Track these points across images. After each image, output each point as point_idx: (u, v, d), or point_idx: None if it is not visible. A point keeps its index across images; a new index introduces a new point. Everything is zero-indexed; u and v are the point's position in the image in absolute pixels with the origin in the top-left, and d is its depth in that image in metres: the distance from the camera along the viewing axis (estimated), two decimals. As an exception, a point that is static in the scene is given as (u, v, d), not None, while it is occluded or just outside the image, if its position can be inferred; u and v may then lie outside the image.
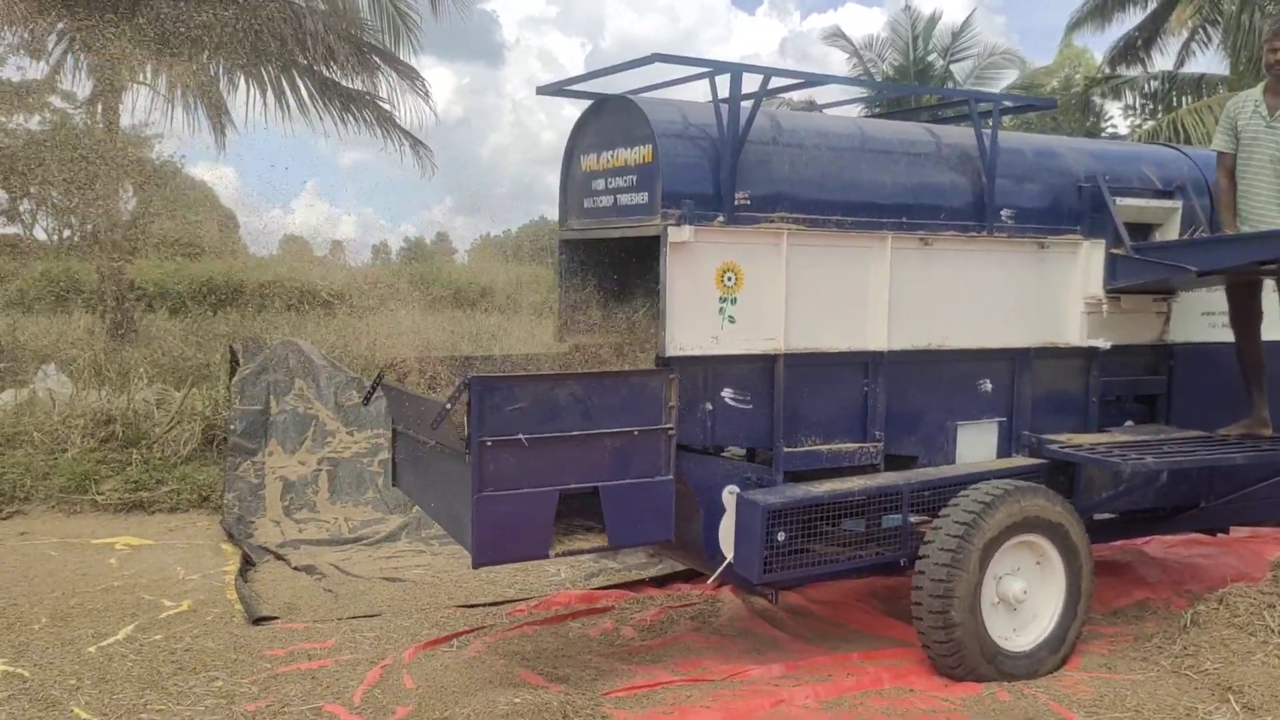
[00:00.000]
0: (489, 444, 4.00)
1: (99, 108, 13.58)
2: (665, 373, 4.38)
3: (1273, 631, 4.61)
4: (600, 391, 4.25)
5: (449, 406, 4.01)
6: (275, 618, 5.58)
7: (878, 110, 6.83)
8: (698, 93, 5.01)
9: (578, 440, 4.20)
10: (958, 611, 4.47)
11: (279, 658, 4.98)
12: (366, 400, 5.43)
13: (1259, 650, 4.52)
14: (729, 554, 4.57)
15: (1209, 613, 4.88)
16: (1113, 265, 5.32)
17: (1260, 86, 5.29)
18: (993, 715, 4.30)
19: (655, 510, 4.38)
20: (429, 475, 4.80)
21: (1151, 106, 18.08)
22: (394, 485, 5.47)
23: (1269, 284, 5.38)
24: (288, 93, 14.05)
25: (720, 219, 4.51)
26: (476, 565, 4.20)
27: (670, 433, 4.38)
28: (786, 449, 4.72)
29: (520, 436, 4.06)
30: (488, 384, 4.04)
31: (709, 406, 4.59)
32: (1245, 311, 5.41)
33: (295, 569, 6.55)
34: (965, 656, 4.52)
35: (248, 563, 6.65)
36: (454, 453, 4.22)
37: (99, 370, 10.96)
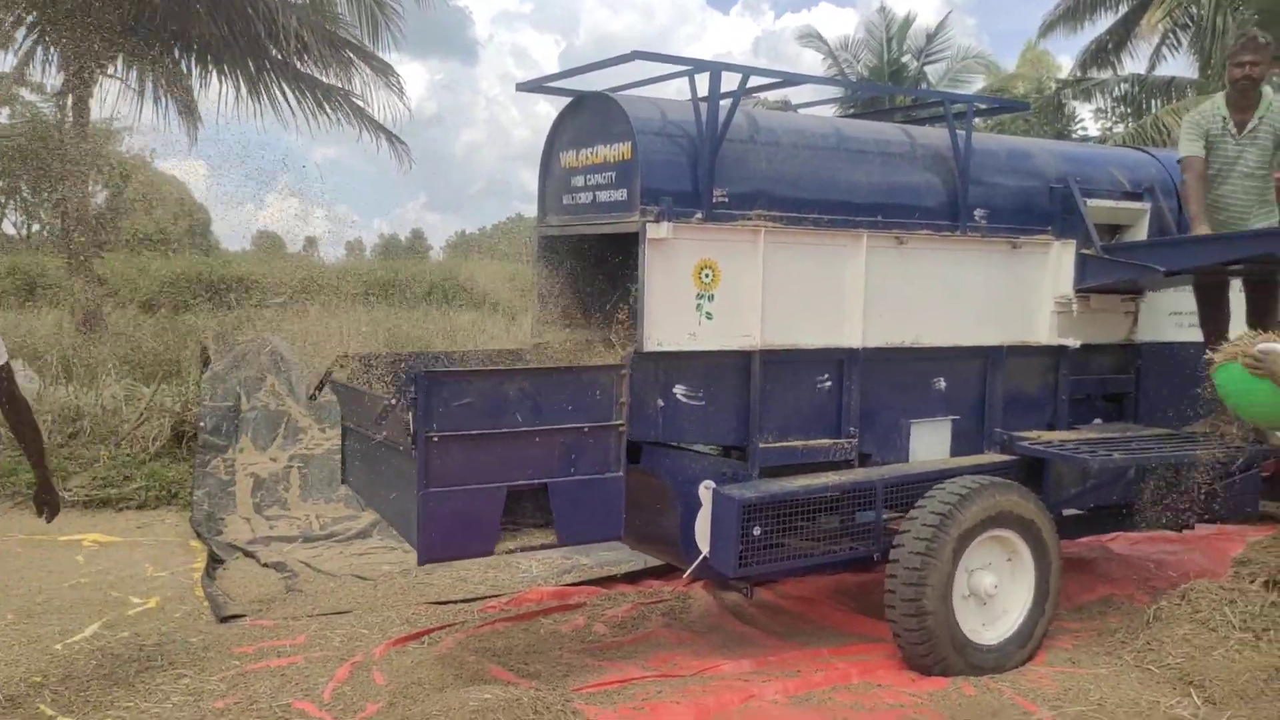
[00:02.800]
0: (436, 440, 3.98)
1: (69, 100, 13.43)
2: (616, 368, 4.36)
3: (1234, 627, 4.67)
4: (550, 387, 4.22)
5: (394, 402, 3.99)
6: (243, 615, 5.54)
7: (852, 110, 6.86)
8: (672, 91, 5.03)
9: (527, 436, 4.16)
10: (930, 600, 4.51)
11: (248, 655, 4.94)
12: (313, 396, 5.40)
13: (1220, 645, 4.58)
14: (705, 548, 4.58)
15: (1171, 608, 4.93)
16: (1083, 265, 5.38)
17: (1222, 98, 5.34)
18: (958, 709, 4.34)
19: (605, 507, 4.36)
20: (378, 472, 4.77)
21: (1122, 109, 18.30)
22: (344, 482, 5.44)
23: (1235, 285, 5.47)
24: (260, 87, 13.93)
25: (698, 216, 4.52)
26: (422, 562, 4.17)
27: (621, 429, 4.36)
28: (762, 445, 4.75)
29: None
30: (434, 379, 4.01)
31: (685, 402, 4.60)
32: (1213, 312, 5.49)
33: (265, 566, 6.50)
34: (935, 646, 4.56)
35: (215, 561, 6.60)
36: (401, 449, 4.20)
37: (67, 366, 10.84)
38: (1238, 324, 5.49)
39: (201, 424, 8.28)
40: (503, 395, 4.13)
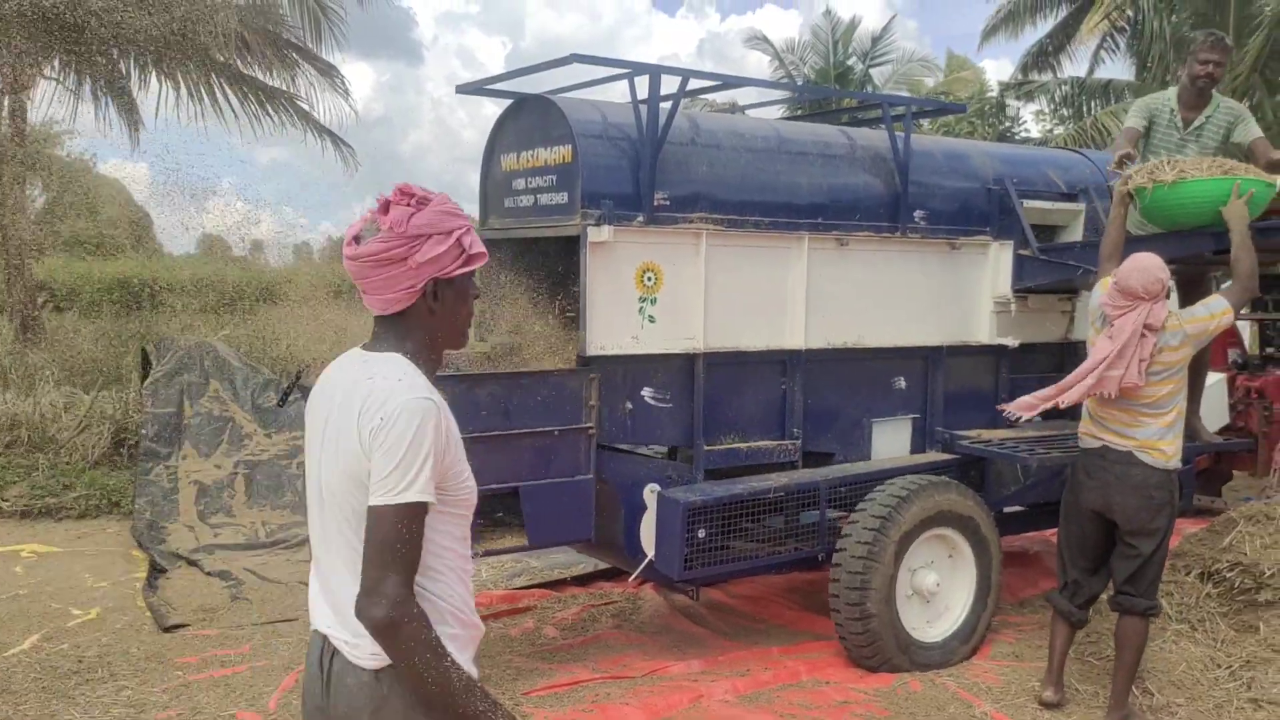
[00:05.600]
0: None
1: (4, 102, 13.12)
2: (585, 372, 4.39)
3: (1170, 618, 4.79)
4: (520, 391, 4.25)
5: None
6: (186, 625, 5.46)
7: (799, 112, 6.91)
8: (616, 94, 5.04)
9: (497, 440, 4.18)
10: (873, 603, 4.56)
11: (191, 665, 4.88)
12: (282, 402, 5.34)
13: (1158, 636, 4.69)
14: (650, 551, 4.59)
15: (1110, 601, 5.04)
16: (1020, 266, 5.48)
17: (1173, 92, 5.42)
18: (904, 705, 4.40)
19: (575, 509, 4.39)
20: None
21: (1062, 111, 18.64)
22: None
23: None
24: (202, 88, 13.70)
25: (640, 219, 4.54)
26: None
27: (590, 432, 4.39)
28: (707, 447, 4.77)
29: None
30: None
31: (629, 405, 4.62)
32: None
33: (209, 574, 6.41)
34: (880, 647, 4.62)
35: (157, 570, 6.49)
36: None
37: (4, 373, 10.58)
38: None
39: (143, 431, 8.14)
40: (474, 399, 4.13)
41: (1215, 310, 4.16)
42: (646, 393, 4.66)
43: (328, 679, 1.89)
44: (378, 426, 1.77)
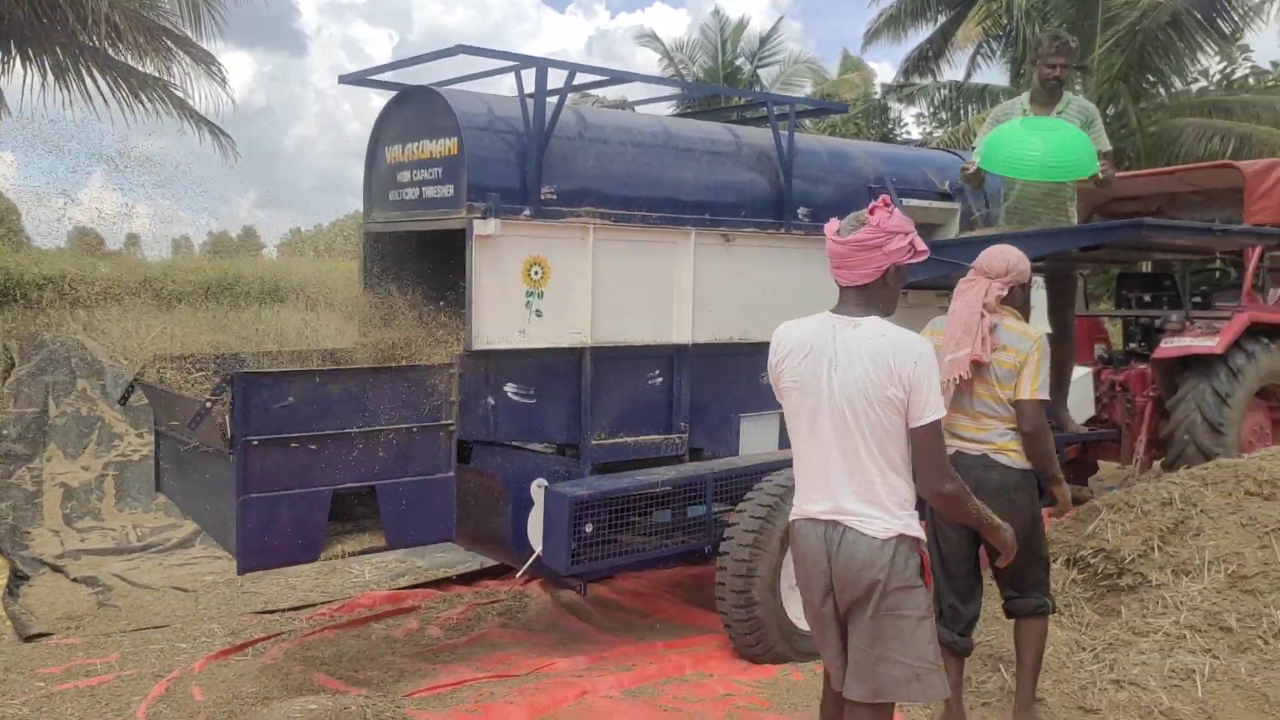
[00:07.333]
0: (254, 443, 3.85)
1: None
2: (446, 367, 4.32)
3: (1042, 604, 4.95)
4: (377, 387, 4.14)
5: (208, 404, 3.83)
6: (50, 634, 5.21)
7: (688, 110, 6.96)
8: (504, 88, 4.99)
9: (352, 438, 4.07)
10: (759, 591, 4.61)
11: (54, 675, 4.66)
12: (124, 400, 5.14)
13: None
14: (537, 546, 4.57)
15: (990, 589, 5.20)
16: (900, 262, 5.60)
17: (1026, 95, 5.66)
18: (785, 694, 4.46)
19: (436, 508, 4.31)
20: (194, 478, 4.56)
21: (941, 115, 19.24)
22: (157, 491, 5.19)
23: (1037, 280, 5.81)
24: (67, 74, 13.07)
25: (527, 213, 4.50)
26: (241, 571, 4.04)
27: (451, 429, 4.32)
28: (594, 442, 4.76)
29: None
30: (252, 380, 3.88)
31: (516, 400, 4.58)
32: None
33: (75, 581, 6.13)
34: (764, 635, 4.67)
35: (18, 577, 6.18)
36: (217, 453, 4.04)
37: None
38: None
39: (3, 432, 7.73)
40: (326, 396, 4.02)
41: (1040, 366, 3.80)
42: (533, 387, 4.63)
43: (836, 547, 2.76)
44: (912, 368, 2.64)
